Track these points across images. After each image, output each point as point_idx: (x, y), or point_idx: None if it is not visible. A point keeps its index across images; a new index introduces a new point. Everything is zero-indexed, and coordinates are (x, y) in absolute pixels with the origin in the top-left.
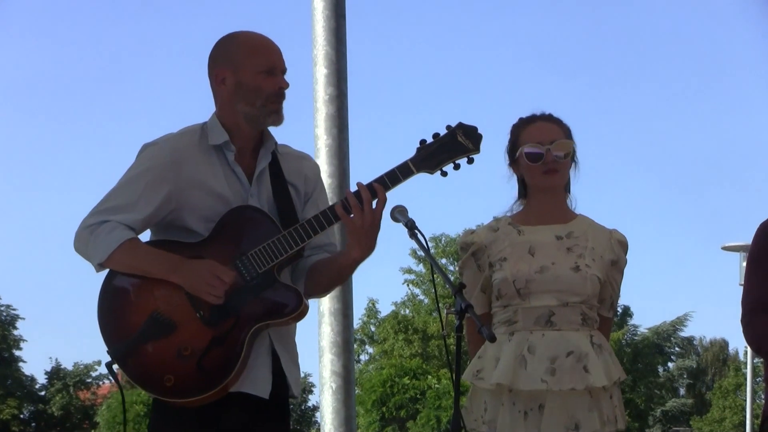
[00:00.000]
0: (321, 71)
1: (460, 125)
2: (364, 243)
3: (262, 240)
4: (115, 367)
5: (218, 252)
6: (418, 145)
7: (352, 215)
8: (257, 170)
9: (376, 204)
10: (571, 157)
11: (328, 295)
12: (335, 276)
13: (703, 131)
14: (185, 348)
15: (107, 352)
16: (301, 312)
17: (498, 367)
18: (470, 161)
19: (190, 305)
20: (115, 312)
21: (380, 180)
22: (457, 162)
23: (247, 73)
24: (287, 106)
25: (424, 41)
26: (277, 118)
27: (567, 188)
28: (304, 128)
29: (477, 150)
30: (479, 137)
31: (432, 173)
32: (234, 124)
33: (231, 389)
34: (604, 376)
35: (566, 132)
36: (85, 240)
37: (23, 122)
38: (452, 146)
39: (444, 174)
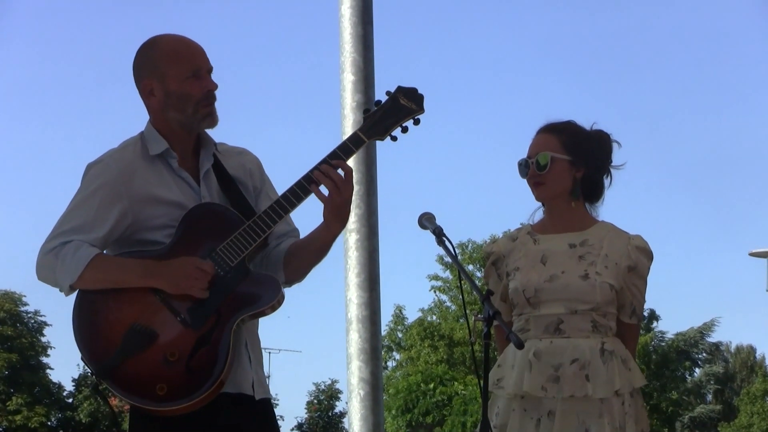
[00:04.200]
0: (348, 78)
1: (400, 88)
2: (343, 216)
3: (228, 233)
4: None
5: (187, 253)
6: (364, 115)
7: (328, 194)
8: (202, 171)
9: (345, 176)
10: (563, 166)
11: (355, 303)
12: (316, 255)
13: (733, 136)
14: (171, 354)
15: (91, 372)
16: (278, 300)
17: (513, 377)
18: (416, 122)
19: (168, 311)
20: (92, 330)
21: (334, 155)
22: (404, 125)
23: (173, 81)
24: (317, 113)
25: (452, 47)
26: (211, 121)
27: (575, 195)
28: (331, 134)
29: (421, 110)
30: (421, 97)
31: (383, 139)
32: (170, 131)
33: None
34: (605, 386)
35: (563, 141)
36: (51, 264)
37: (48, 123)
38: (397, 110)
39: (394, 138)
